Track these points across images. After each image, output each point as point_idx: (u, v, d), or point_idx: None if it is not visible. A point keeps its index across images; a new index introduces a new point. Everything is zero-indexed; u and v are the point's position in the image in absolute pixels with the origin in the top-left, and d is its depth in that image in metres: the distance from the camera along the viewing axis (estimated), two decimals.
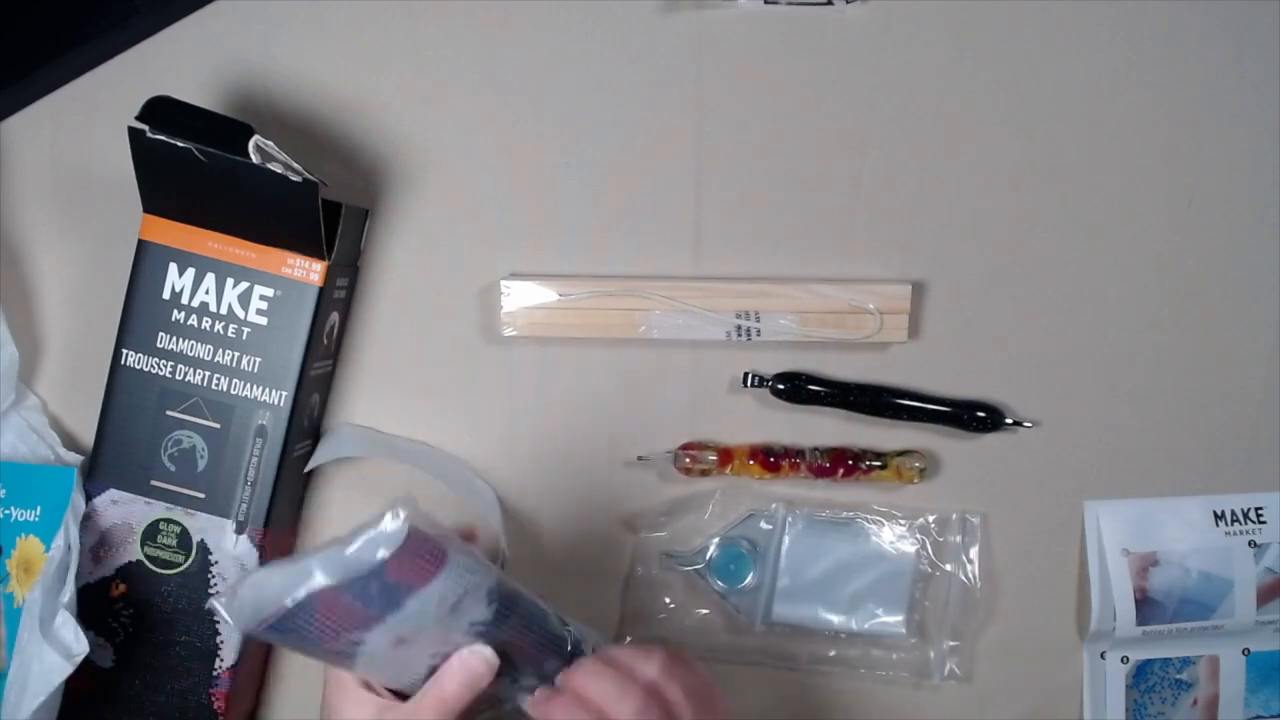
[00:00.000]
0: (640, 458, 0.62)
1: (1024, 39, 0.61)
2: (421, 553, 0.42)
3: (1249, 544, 0.64)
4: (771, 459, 0.62)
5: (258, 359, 0.58)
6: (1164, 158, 0.62)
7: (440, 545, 0.43)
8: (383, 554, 0.41)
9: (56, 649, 0.54)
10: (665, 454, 0.62)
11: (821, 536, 0.62)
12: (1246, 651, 0.65)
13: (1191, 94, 0.62)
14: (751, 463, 0.62)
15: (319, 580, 0.41)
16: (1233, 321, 0.63)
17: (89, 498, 0.58)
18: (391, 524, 0.41)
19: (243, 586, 0.42)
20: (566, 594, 0.63)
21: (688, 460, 0.62)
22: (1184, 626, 0.64)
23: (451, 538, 0.44)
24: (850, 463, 0.62)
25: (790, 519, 0.62)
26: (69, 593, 0.56)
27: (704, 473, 0.62)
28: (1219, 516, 0.64)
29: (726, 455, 0.62)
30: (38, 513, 0.58)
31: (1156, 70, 0.61)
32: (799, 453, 0.62)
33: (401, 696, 0.48)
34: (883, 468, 0.62)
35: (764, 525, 0.63)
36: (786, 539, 0.62)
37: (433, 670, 0.46)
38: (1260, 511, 0.64)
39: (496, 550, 0.60)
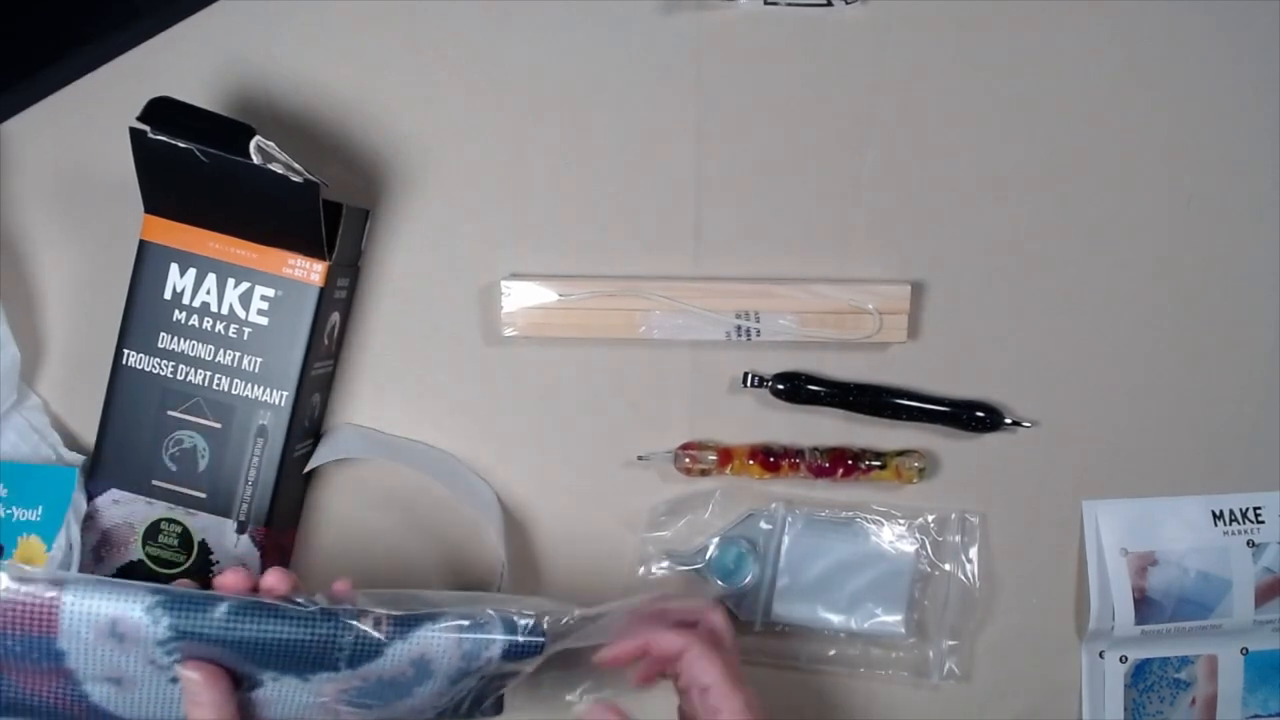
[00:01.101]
0: (640, 457, 0.62)
1: (1024, 39, 0.61)
2: (26, 605, 0.44)
3: (1247, 544, 0.64)
4: (771, 459, 0.62)
5: (259, 359, 0.58)
6: (1164, 158, 0.62)
7: (43, 590, 0.45)
8: None
9: None
10: (665, 454, 0.62)
11: (821, 536, 0.63)
12: (1245, 651, 0.65)
13: (1191, 94, 0.62)
14: (751, 462, 0.62)
15: None
16: (1233, 321, 0.63)
17: (90, 497, 0.59)
18: None
19: None
20: (566, 594, 0.64)
21: (688, 460, 0.62)
22: (1182, 626, 0.64)
23: (69, 577, 0.45)
24: (850, 462, 0.62)
25: (790, 519, 0.63)
26: None
27: (704, 472, 0.62)
28: (1218, 516, 0.64)
29: (726, 455, 0.62)
30: (39, 512, 0.58)
31: (1156, 70, 0.61)
32: (799, 453, 0.62)
33: None
34: (882, 468, 0.62)
35: (764, 525, 0.63)
36: (786, 538, 0.62)
37: None
38: (1259, 511, 0.64)
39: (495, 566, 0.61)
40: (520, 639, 0.49)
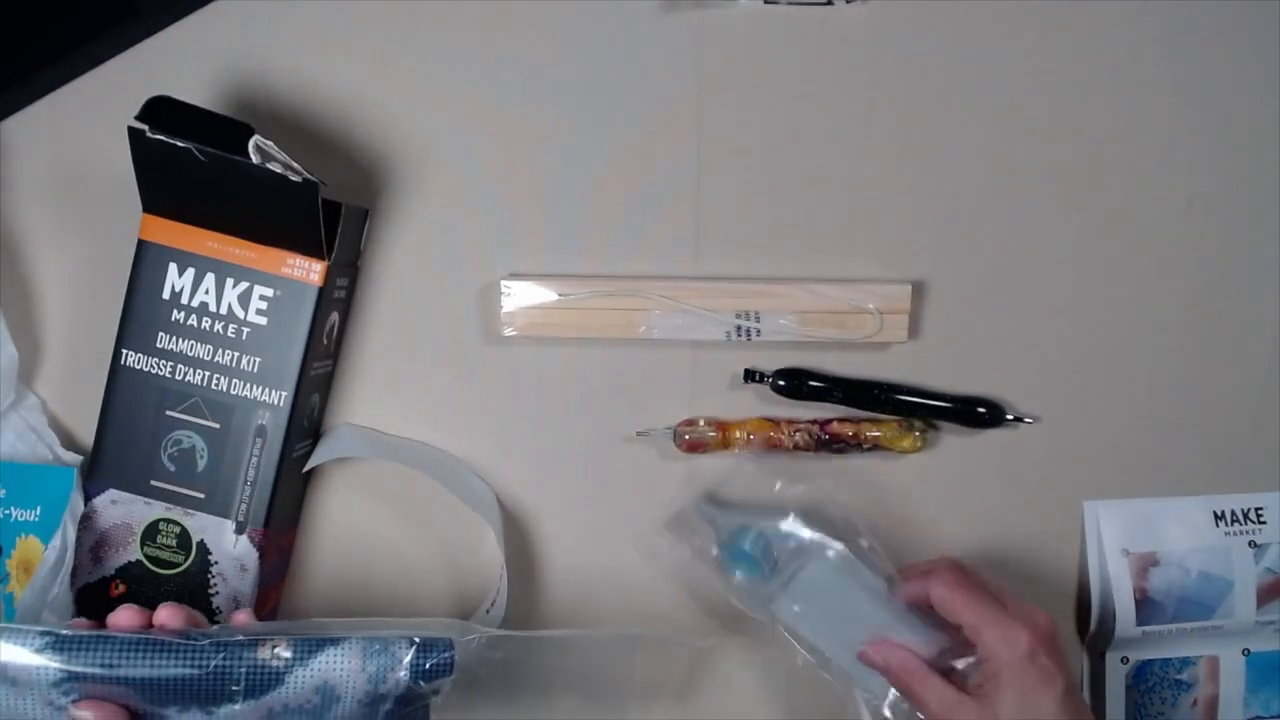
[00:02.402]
0: (639, 434, 0.62)
1: (1024, 39, 0.61)
2: None
3: (1249, 544, 0.64)
4: (771, 433, 0.61)
5: (257, 359, 0.58)
6: (1164, 158, 0.62)
7: None
8: None
9: None
10: (664, 430, 0.62)
11: (842, 576, 0.59)
12: (1246, 652, 0.65)
13: (1191, 94, 0.62)
14: (752, 438, 0.61)
15: None
16: (1233, 321, 0.63)
17: (88, 498, 0.58)
18: None
19: None
20: (566, 594, 0.64)
21: (687, 436, 0.61)
22: (1184, 627, 0.64)
23: None
24: (851, 435, 0.61)
25: (816, 547, 0.59)
26: (54, 591, 0.56)
27: (704, 448, 0.61)
28: (1219, 516, 0.64)
29: (725, 430, 0.61)
30: (37, 513, 0.58)
31: (1156, 70, 0.61)
32: (800, 426, 0.62)
33: None
34: (880, 435, 0.61)
35: (787, 537, 0.60)
36: (810, 567, 0.59)
37: None
38: (1260, 512, 0.64)
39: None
40: (427, 658, 0.49)
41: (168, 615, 0.48)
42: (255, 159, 0.53)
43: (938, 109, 0.61)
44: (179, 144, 0.53)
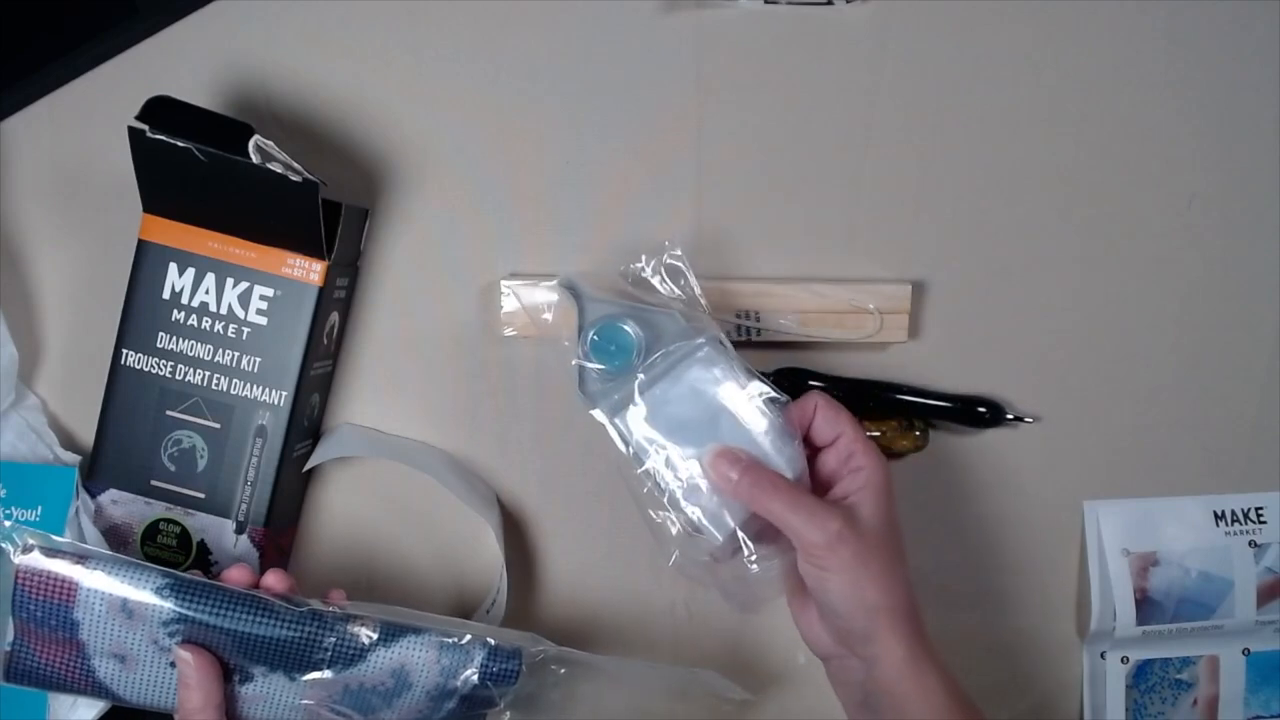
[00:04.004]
0: None
1: (1024, 39, 0.61)
2: (49, 570, 0.48)
3: (1249, 544, 0.64)
4: None
5: (258, 359, 0.58)
6: (1164, 158, 0.62)
7: (67, 562, 0.49)
8: (15, 578, 0.48)
9: None
10: None
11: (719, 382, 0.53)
12: (1246, 651, 0.65)
13: (1191, 94, 0.62)
14: None
15: (9, 623, 0.49)
16: (1233, 321, 0.63)
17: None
18: (15, 556, 0.49)
19: None
20: (565, 594, 0.64)
21: None
22: (1184, 626, 0.64)
23: (90, 551, 0.49)
24: None
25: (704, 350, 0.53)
26: None
27: None
28: (1219, 516, 0.64)
29: None
30: (39, 513, 0.58)
31: (1156, 70, 0.61)
32: None
33: None
34: (879, 435, 0.61)
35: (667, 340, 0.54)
36: (685, 368, 0.53)
37: None
38: (1260, 511, 0.64)
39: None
40: (497, 663, 0.52)
41: (274, 580, 0.52)
42: (255, 159, 0.53)
43: (938, 109, 0.61)
44: (179, 144, 0.53)
